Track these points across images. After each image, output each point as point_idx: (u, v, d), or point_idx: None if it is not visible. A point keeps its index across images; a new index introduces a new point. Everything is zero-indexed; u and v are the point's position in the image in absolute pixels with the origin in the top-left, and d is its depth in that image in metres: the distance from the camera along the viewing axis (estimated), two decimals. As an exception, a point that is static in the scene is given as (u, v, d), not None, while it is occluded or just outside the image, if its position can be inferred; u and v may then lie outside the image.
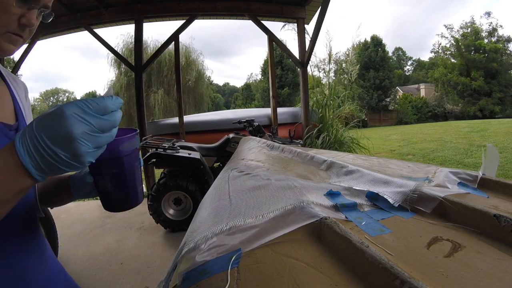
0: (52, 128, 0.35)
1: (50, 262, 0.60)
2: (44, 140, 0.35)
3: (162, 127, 4.38)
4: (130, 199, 0.54)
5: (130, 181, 0.52)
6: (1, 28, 0.48)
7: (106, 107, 0.38)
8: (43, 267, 0.57)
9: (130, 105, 13.33)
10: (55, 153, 0.35)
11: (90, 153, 0.37)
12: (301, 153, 0.93)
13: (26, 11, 0.49)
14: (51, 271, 0.59)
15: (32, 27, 0.51)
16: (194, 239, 0.46)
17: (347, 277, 0.34)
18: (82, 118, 0.36)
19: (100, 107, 0.37)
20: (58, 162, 0.36)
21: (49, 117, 0.36)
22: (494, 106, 20.87)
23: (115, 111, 0.39)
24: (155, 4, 3.80)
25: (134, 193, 0.54)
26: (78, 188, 0.59)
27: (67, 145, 0.35)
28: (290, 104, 19.82)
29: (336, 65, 16.81)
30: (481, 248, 0.39)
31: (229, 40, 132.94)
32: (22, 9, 0.48)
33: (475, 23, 23.70)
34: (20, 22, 0.49)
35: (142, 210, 3.67)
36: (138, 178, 0.54)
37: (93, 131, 0.36)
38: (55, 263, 0.63)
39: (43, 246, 0.60)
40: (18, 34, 0.50)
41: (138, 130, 0.52)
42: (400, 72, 35.97)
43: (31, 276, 0.53)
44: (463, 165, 5.13)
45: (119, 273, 2.20)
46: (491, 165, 0.70)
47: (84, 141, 0.36)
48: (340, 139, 4.11)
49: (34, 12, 0.50)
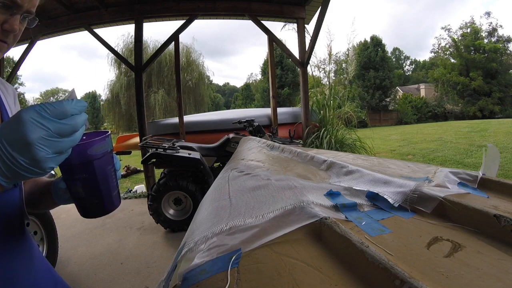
0: (11, 133, 0.35)
1: (38, 264, 0.60)
2: (4, 145, 0.35)
3: (162, 127, 4.37)
4: (104, 204, 0.52)
5: (103, 186, 0.50)
6: None
7: (64, 111, 0.37)
8: (31, 269, 0.57)
9: (130, 105, 13.35)
10: (14, 158, 0.35)
11: (51, 159, 0.37)
12: (301, 153, 0.93)
13: (8, 17, 0.49)
14: (38, 273, 0.59)
15: (15, 32, 0.51)
16: (194, 239, 0.46)
17: (347, 277, 0.34)
18: (38, 123, 0.35)
19: (58, 111, 0.36)
20: (18, 168, 0.36)
21: (9, 122, 0.36)
22: (494, 106, 20.87)
23: (77, 115, 0.38)
24: (155, 4, 3.80)
25: (108, 198, 0.52)
26: (57, 194, 0.58)
27: (25, 151, 0.35)
28: (290, 104, 19.82)
29: (336, 65, 16.82)
30: (481, 248, 0.39)
31: (226, 40, 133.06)
32: (4, 15, 0.49)
33: (474, 23, 23.72)
34: (2, 27, 0.49)
35: (142, 210, 3.68)
36: (111, 183, 0.52)
37: (51, 136, 0.36)
38: (44, 265, 0.63)
39: (30, 248, 0.60)
40: (2, 40, 0.50)
41: (109, 132, 0.50)
42: (400, 72, 35.98)
43: (17, 278, 0.53)
44: (463, 165, 5.13)
45: (119, 273, 2.20)
46: (492, 165, 0.70)
47: (41, 146, 0.35)
48: (340, 139, 4.10)
49: (17, 18, 0.50)
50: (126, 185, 5.80)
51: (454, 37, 23.55)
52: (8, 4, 0.48)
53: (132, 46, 7.83)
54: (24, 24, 0.54)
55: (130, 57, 8.65)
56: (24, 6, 0.50)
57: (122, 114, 14.23)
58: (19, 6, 0.49)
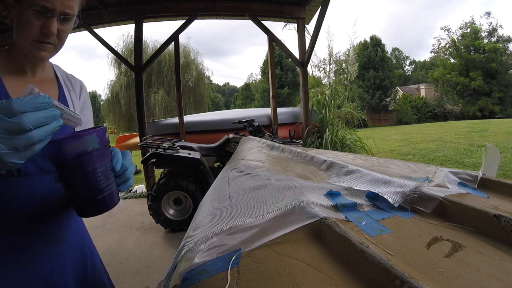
0: None
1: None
2: None
3: (162, 127, 4.37)
4: (85, 206, 0.48)
5: (83, 188, 0.46)
6: (27, 38, 0.56)
7: (10, 109, 0.38)
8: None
9: (130, 105, 13.34)
10: None
11: (9, 154, 0.38)
12: (301, 153, 0.93)
13: (45, 20, 0.55)
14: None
15: (53, 34, 0.57)
16: (194, 239, 0.46)
17: (347, 277, 0.34)
18: None
19: (5, 109, 0.37)
20: None
21: None
22: (494, 106, 20.87)
23: (30, 112, 0.39)
24: (155, 4, 3.80)
25: (90, 201, 0.47)
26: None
27: None
28: (290, 104, 19.82)
29: (336, 65, 16.82)
30: (481, 248, 0.39)
31: (225, 40, 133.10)
32: (41, 20, 0.55)
33: (474, 23, 23.73)
34: (42, 31, 0.56)
35: (142, 210, 3.68)
36: (95, 185, 0.47)
37: (0, 133, 0.37)
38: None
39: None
40: (45, 42, 0.57)
41: (92, 131, 0.46)
42: (400, 72, 35.96)
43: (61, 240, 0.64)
44: (463, 165, 5.13)
45: (119, 273, 2.20)
46: (492, 165, 0.70)
47: None
48: (341, 139, 4.10)
49: (53, 21, 0.56)
50: (126, 185, 5.79)
51: (454, 38, 23.57)
52: (40, 11, 0.54)
53: (132, 46, 7.82)
54: (67, 25, 0.60)
55: (130, 57, 8.65)
56: (56, 9, 0.55)
57: (122, 114, 14.22)
58: (51, 10, 0.55)
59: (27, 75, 0.63)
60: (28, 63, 0.62)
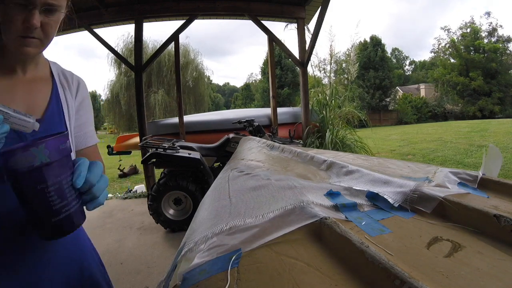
0: None
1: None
2: None
3: (162, 127, 4.37)
4: (38, 229, 0.41)
5: (32, 209, 0.39)
6: (11, 34, 0.53)
7: None
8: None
9: (130, 105, 13.34)
10: None
11: None
12: (301, 153, 0.93)
13: (28, 13, 0.52)
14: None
15: (35, 27, 0.53)
16: (194, 239, 0.46)
17: (347, 277, 0.34)
18: None
19: None
20: None
21: None
22: (494, 106, 20.86)
23: None
24: (155, 4, 3.80)
25: (41, 224, 0.40)
26: None
27: None
28: (290, 104, 19.82)
29: (336, 65, 16.82)
30: (481, 248, 0.39)
31: (225, 39, 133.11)
32: (23, 13, 0.52)
33: (474, 23, 23.71)
34: (24, 25, 0.52)
35: (142, 210, 3.68)
36: (47, 207, 0.39)
37: None
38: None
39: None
40: (28, 36, 0.54)
41: (41, 141, 0.38)
42: (400, 72, 35.96)
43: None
44: (463, 165, 5.13)
45: (119, 273, 2.19)
46: (493, 165, 0.70)
47: None
48: (341, 139, 4.10)
49: (35, 13, 0.52)
50: (126, 185, 5.80)
51: (454, 38, 23.57)
52: (20, 3, 0.51)
53: (132, 46, 7.83)
54: (53, 17, 0.56)
55: (130, 57, 8.64)
56: (37, 0, 0.52)
57: (122, 114, 14.23)
58: (32, 1, 0.52)
59: (17, 74, 0.60)
60: (18, 61, 0.60)
